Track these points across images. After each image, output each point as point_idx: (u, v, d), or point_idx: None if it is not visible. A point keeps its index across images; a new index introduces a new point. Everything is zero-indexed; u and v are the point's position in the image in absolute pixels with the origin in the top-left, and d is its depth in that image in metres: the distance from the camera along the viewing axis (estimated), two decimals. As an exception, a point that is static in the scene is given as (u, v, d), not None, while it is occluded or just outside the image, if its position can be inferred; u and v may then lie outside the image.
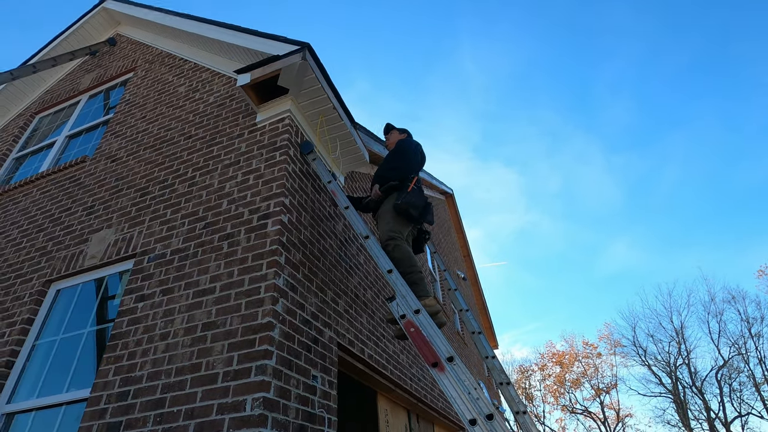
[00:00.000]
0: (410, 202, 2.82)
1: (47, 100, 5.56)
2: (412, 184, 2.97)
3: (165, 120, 3.81)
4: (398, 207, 2.82)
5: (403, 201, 2.82)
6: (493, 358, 3.41)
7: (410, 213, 2.81)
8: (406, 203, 2.81)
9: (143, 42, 5.27)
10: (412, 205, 2.81)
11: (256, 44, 3.41)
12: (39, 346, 2.85)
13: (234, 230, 2.61)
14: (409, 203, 2.81)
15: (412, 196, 2.87)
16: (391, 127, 3.62)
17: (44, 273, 3.14)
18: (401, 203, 2.81)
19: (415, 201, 2.84)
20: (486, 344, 3.51)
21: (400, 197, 2.86)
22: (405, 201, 2.82)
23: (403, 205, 2.80)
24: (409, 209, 2.80)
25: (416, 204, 2.83)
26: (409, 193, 2.88)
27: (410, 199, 2.83)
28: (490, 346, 3.50)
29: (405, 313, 2.11)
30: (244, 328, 2.16)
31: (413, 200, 2.83)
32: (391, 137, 3.53)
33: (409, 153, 3.15)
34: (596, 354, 29.44)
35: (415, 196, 2.88)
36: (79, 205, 3.53)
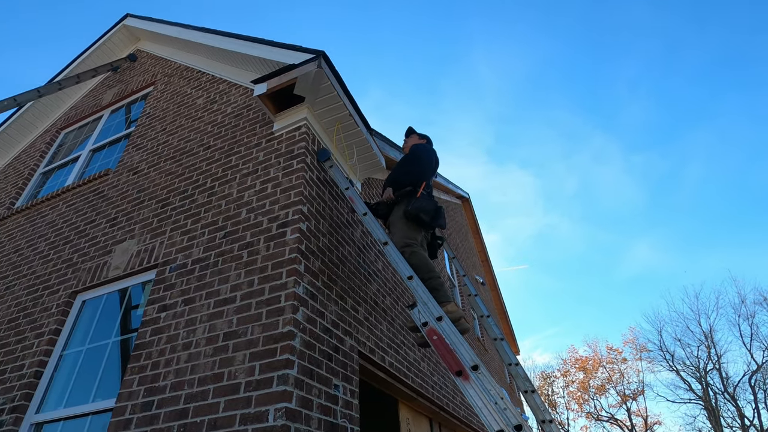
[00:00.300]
0: (420, 208, 2.81)
1: (72, 116, 5.74)
2: (420, 190, 2.96)
3: (184, 131, 3.88)
4: (408, 213, 2.81)
5: (412, 207, 2.81)
6: (516, 365, 3.33)
7: (421, 218, 2.80)
8: (416, 209, 2.80)
9: (162, 56, 5.39)
10: (423, 210, 2.80)
11: (272, 54, 3.44)
12: (66, 356, 2.90)
13: (253, 239, 2.61)
14: (419, 208, 2.80)
15: (422, 201, 2.86)
16: (412, 131, 3.62)
17: (70, 284, 3.21)
18: (411, 209, 2.81)
19: (426, 206, 2.83)
20: (509, 351, 3.43)
21: (409, 203, 2.86)
22: (415, 207, 2.81)
23: (413, 210, 2.80)
24: (419, 214, 2.79)
25: (427, 209, 2.82)
26: (418, 198, 2.88)
27: (420, 204, 2.83)
28: (513, 353, 3.41)
29: (427, 320, 2.07)
30: (265, 337, 2.15)
31: (423, 205, 2.83)
32: (409, 141, 3.53)
33: (422, 159, 3.13)
34: (621, 359, 28.64)
35: (424, 201, 2.87)
36: (103, 217, 3.60)
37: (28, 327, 3.11)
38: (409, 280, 2.25)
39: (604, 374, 29.00)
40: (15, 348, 3.03)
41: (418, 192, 2.94)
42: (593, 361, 30.05)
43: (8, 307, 3.40)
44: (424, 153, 3.18)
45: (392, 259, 2.38)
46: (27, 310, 3.25)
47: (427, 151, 3.23)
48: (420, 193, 2.94)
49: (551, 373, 31.72)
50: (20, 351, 2.99)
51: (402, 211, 2.89)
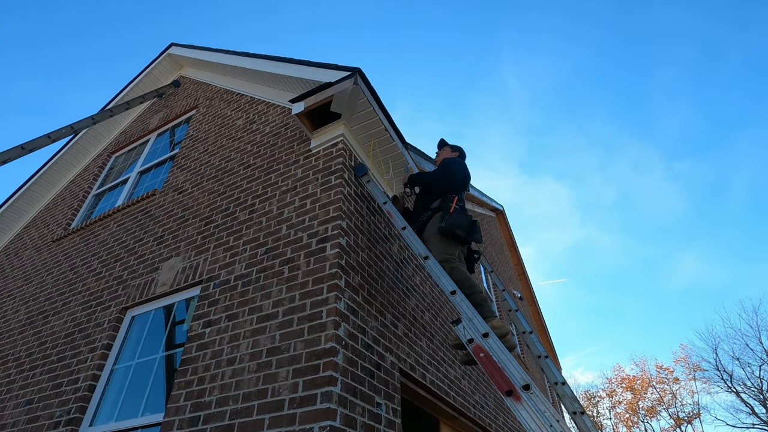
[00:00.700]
0: (455, 223, 2.77)
1: (121, 140, 6.09)
2: (453, 205, 2.92)
3: (225, 152, 4.02)
4: (443, 229, 2.78)
5: (447, 223, 2.77)
6: (563, 384, 3.16)
7: (457, 234, 2.76)
8: (450, 225, 2.76)
9: (204, 81, 5.66)
10: (458, 226, 2.76)
11: (308, 73, 3.53)
12: (116, 370, 3.01)
13: (294, 254, 2.64)
14: (454, 224, 2.76)
15: (456, 216, 2.82)
16: (445, 143, 3.59)
17: (121, 300, 3.34)
18: (446, 225, 2.77)
19: (460, 221, 2.79)
20: (555, 369, 3.27)
21: (443, 220, 2.82)
22: (449, 223, 2.77)
23: (448, 227, 2.76)
24: (455, 230, 2.75)
25: (462, 224, 2.78)
26: (451, 214, 2.84)
27: (455, 219, 2.79)
28: (559, 372, 3.26)
29: (473, 337, 1.99)
30: (307, 353, 2.14)
31: (458, 221, 2.78)
32: (441, 153, 3.51)
33: (452, 172, 3.09)
34: (673, 379, 26.81)
35: (458, 216, 2.83)
36: (151, 236, 3.75)
37: (82, 342, 3.25)
38: (452, 295, 2.19)
39: (655, 395, 27.23)
40: (71, 362, 3.17)
41: (450, 207, 2.91)
42: (642, 380, 28.29)
43: (65, 323, 3.57)
44: (454, 166, 3.15)
45: (434, 273, 2.33)
46: (81, 325, 3.41)
47: (457, 164, 3.19)
48: (453, 208, 2.90)
49: (596, 393, 30.11)
50: (75, 365, 3.12)
51: (436, 227, 2.86)
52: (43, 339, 3.58)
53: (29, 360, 3.49)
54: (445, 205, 2.95)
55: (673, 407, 25.78)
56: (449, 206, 2.92)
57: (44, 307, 3.95)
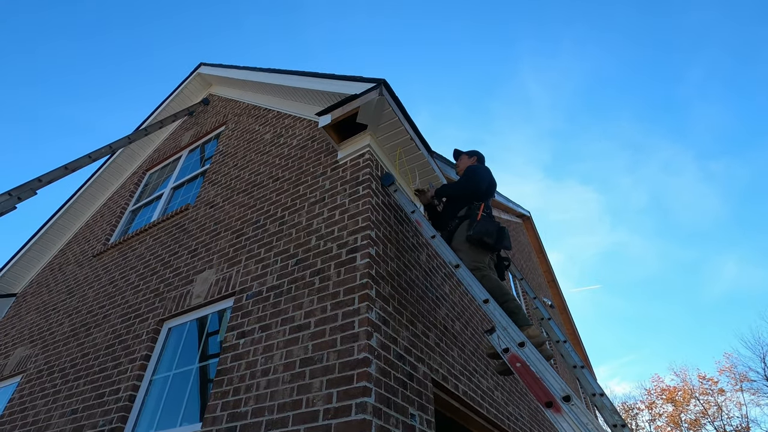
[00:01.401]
0: (483, 231, 2.74)
1: (155, 157, 6.34)
2: (480, 212, 2.89)
3: (254, 166, 4.12)
4: (472, 238, 2.75)
5: (475, 231, 2.75)
6: (602, 395, 3.04)
7: (485, 241, 2.74)
8: (479, 232, 2.74)
9: (232, 98, 5.84)
10: (486, 233, 2.74)
11: (333, 86, 3.59)
12: (155, 381, 3.09)
13: (324, 265, 2.66)
14: (482, 232, 2.74)
15: (484, 224, 2.79)
16: (460, 152, 3.56)
17: (158, 312, 3.45)
18: (474, 233, 2.75)
19: (488, 228, 2.76)
20: (592, 380, 3.16)
21: (471, 227, 2.80)
22: (477, 231, 2.75)
23: (476, 235, 2.74)
24: (483, 238, 2.73)
25: (490, 231, 2.75)
26: (479, 222, 2.82)
27: (482, 227, 2.76)
28: (597, 382, 3.14)
29: (508, 346, 1.95)
30: (341, 363, 2.14)
31: (486, 228, 2.76)
32: (461, 163, 3.48)
33: (475, 180, 3.06)
34: (718, 390, 25.38)
35: (486, 223, 2.80)
36: (185, 249, 3.87)
37: (122, 353, 3.37)
38: (485, 304, 2.15)
39: (698, 407, 25.82)
40: (112, 372, 3.29)
41: (477, 215, 2.88)
42: (683, 391, 26.89)
43: (106, 335, 3.71)
44: (479, 173, 3.13)
45: (465, 282, 2.31)
46: (121, 337, 3.53)
47: (481, 171, 3.16)
48: (480, 216, 2.88)
49: (634, 405, 28.80)
50: (116, 375, 3.23)
51: (464, 235, 2.84)
52: (86, 350, 3.73)
53: (73, 371, 3.64)
54: (471, 213, 2.93)
55: (719, 420, 24.38)
56: (476, 214, 2.90)
57: (86, 319, 4.11)
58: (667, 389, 27.81)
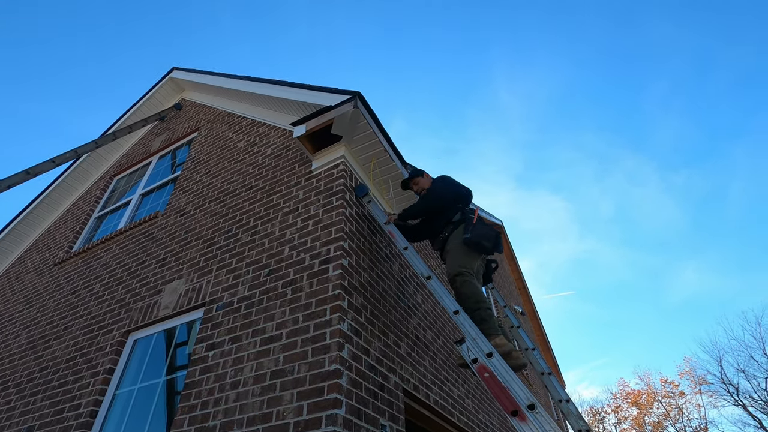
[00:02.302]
0: (482, 235, 2.81)
1: (123, 162, 6.15)
2: (476, 216, 2.95)
3: (227, 174, 4.07)
4: (469, 241, 2.80)
5: (473, 234, 2.81)
6: (567, 401, 3.15)
7: (483, 245, 2.80)
8: (477, 236, 2.80)
9: (205, 104, 5.76)
10: (484, 237, 2.81)
11: (309, 97, 3.61)
12: (119, 395, 2.99)
13: (297, 276, 2.66)
14: (480, 236, 2.81)
15: (480, 228, 2.86)
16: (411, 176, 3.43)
17: (123, 324, 3.34)
18: (473, 237, 2.80)
19: (487, 232, 2.84)
20: (558, 386, 3.26)
21: (468, 231, 2.85)
22: (476, 234, 2.81)
23: (475, 238, 2.79)
24: (481, 241, 2.79)
25: (487, 235, 2.83)
26: (475, 225, 2.88)
27: (481, 231, 2.83)
28: (563, 389, 3.25)
29: (477, 356, 2.01)
30: (312, 375, 2.14)
31: (484, 232, 2.83)
32: (420, 182, 3.37)
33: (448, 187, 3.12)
34: (678, 393, 26.44)
35: (483, 227, 2.87)
36: (153, 258, 3.77)
37: (84, 366, 3.24)
38: (455, 315, 2.21)
39: (661, 410, 26.81)
40: (72, 387, 3.15)
41: (473, 219, 2.93)
42: (647, 395, 27.89)
43: (66, 347, 3.56)
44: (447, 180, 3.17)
45: (437, 293, 2.36)
46: (83, 349, 3.40)
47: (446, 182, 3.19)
48: (475, 220, 2.93)
49: (601, 409, 29.60)
50: (77, 390, 3.10)
51: (461, 238, 2.87)
52: (45, 364, 3.56)
53: (30, 385, 3.47)
54: (466, 217, 2.98)
55: (680, 422, 25.37)
56: (471, 218, 2.95)
57: (46, 331, 3.94)
58: (632, 393, 28.77)
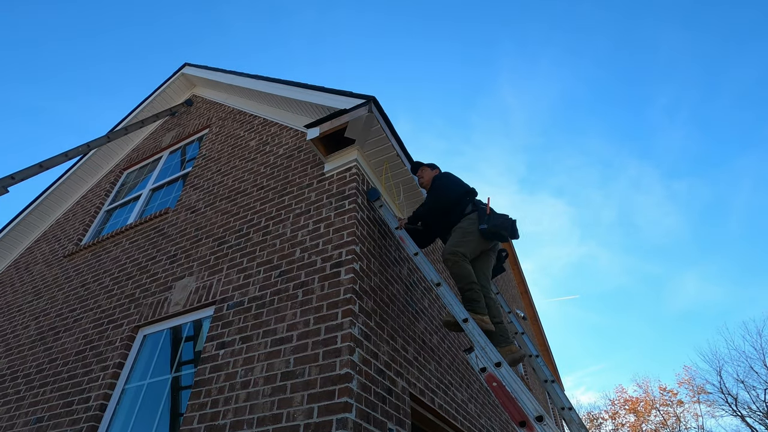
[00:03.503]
0: (499, 224, 2.85)
1: (134, 157, 6.20)
2: (488, 206, 2.98)
3: (238, 172, 4.10)
4: (486, 231, 2.83)
5: (490, 225, 2.84)
6: (570, 409, 3.18)
7: (501, 234, 2.84)
8: (495, 226, 2.83)
9: (216, 101, 5.79)
10: (501, 226, 2.84)
11: (323, 99, 3.64)
12: (128, 390, 3.03)
13: (308, 278, 2.69)
14: (498, 225, 2.84)
15: (496, 218, 2.89)
16: (420, 164, 3.49)
17: (133, 319, 3.38)
18: (489, 227, 2.83)
19: (503, 221, 2.87)
20: (561, 394, 3.29)
21: (483, 221, 2.87)
22: (494, 224, 2.84)
23: (492, 228, 2.83)
24: (499, 230, 2.83)
25: (505, 224, 2.86)
26: (489, 216, 2.91)
27: (496, 221, 2.86)
28: (566, 397, 3.27)
29: (485, 365, 2.03)
30: (322, 378, 2.17)
31: (500, 221, 2.86)
32: (425, 174, 3.40)
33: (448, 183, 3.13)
34: (677, 401, 26.40)
35: (498, 217, 2.90)
36: (163, 254, 3.81)
37: (94, 360, 3.28)
38: (464, 323, 2.23)
39: (658, 417, 26.78)
40: (82, 380, 3.20)
41: (487, 209, 2.96)
42: (645, 402, 27.86)
43: (76, 339, 3.60)
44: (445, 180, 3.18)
45: (446, 300, 2.38)
46: (93, 342, 3.44)
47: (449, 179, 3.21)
48: (489, 210, 2.95)
49: (598, 415, 29.61)
50: (87, 383, 3.14)
51: (476, 227, 2.89)
52: (54, 356, 3.61)
53: (39, 377, 3.51)
54: (479, 208, 3.00)
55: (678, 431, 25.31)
56: (484, 207, 2.98)
57: (55, 323, 3.98)
58: (630, 400, 28.74)
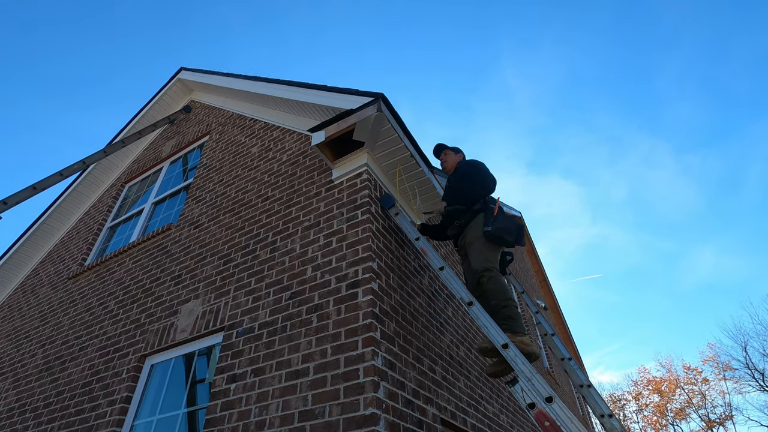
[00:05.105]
0: (503, 228, 2.62)
1: (134, 169, 5.98)
2: (496, 208, 2.74)
3: (241, 182, 3.85)
4: (490, 234, 2.61)
5: (495, 228, 2.62)
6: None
7: (505, 239, 2.62)
8: (499, 229, 2.61)
9: (215, 106, 5.53)
10: (506, 231, 2.62)
11: (326, 99, 3.35)
12: (137, 426, 2.83)
13: (322, 300, 2.43)
14: (502, 229, 2.62)
15: (502, 221, 2.66)
16: (444, 146, 3.34)
17: (139, 347, 3.17)
18: (494, 230, 2.61)
19: (507, 225, 2.65)
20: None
21: (488, 223, 2.65)
22: (498, 227, 2.62)
23: (496, 232, 2.61)
24: (503, 235, 2.61)
25: (509, 228, 2.64)
26: (496, 218, 2.68)
27: (501, 224, 2.64)
28: (603, 400, 3.01)
29: (534, 401, 1.76)
30: (345, 420, 1.92)
31: (505, 225, 2.64)
32: (449, 159, 3.28)
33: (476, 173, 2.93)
34: (702, 379, 25.94)
35: (504, 220, 2.68)
36: (168, 275, 3.59)
37: (101, 393, 3.09)
38: (504, 350, 1.96)
39: (683, 396, 26.36)
40: (89, 416, 3.01)
41: (494, 210, 2.72)
42: (669, 382, 27.44)
43: (83, 370, 3.42)
44: (476, 166, 2.98)
45: (480, 321, 2.11)
46: (99, 374, 3.25)
47: (478, 163, 3.02)
48: (496, 211, 2.72)
49: (621, 396, 29.30)
50: (94, 419, 2.95)
51: (480, 231, 2.68)
52: (61, 388, 3.43)
53: (47, 411, 3.34)
54: (487, 207, 2.78)
55: (704, 409, 24.92)
56: (492, 208, 2.75)
57: (61, 351, 3.80)
58: (653, 380, 28.34)
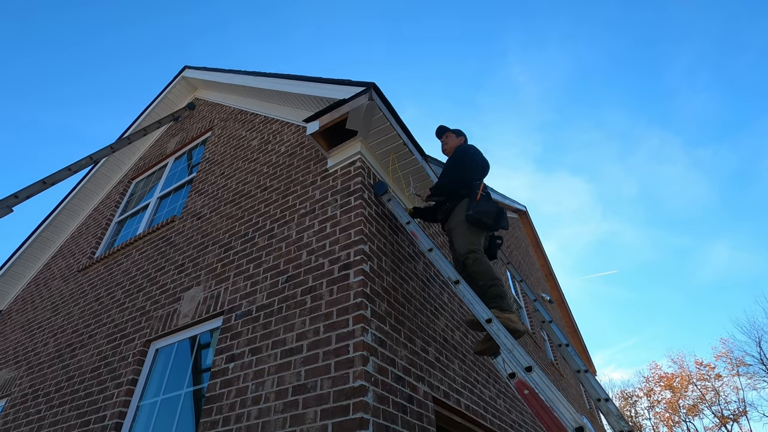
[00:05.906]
0: (483, 211, 2.70)
1: (141, 165, 6.14)
2: (479, 192, 2.82)
3: (242, 174, 3.95)
4: (471, 218, 2.69)
5: (474, 211, 2.70)
6: (607, 400, 2.95)
7: (484, 222, 2.69)
8: (478, 213, 2.69)
9: (218, 102, 5.65)
10: (485, 214, 2.69)
11: (321, 91, 3.43)
12: (142, 407, 2.94)
13: (315, 283, 2.52)
14: (481, 212, 2.69)
15: (483, 204, 2.74)
16: (446, 128, 3.38)
17: (144, 333, 3.29)
18: (473, 213, 2.69)
19: (488, 208, 2.72)
20: (596, 384, 3.07)
21: (470, 207, 2.73)
22: (477, 211, 2.70)
23: (476, 215, 2.69)
24: (482, 218, 2.68)
25: (489, 211, 2.71)
26: (478, 201, 2.76)
27: (481, 207, 2.71)
28: (601, 387, 3.04)
29: (514, 371, 1.83)
30: (335, 392, 2.00)
31: (485, 208, 2.71)
32: (449, 141, 3.32)
33: (470, 160, 2.99)
34: (715, 375, 25.61)
35: (485, 203, 2.75)
36: (172, 264, 3.71)
37: (108, 376, 3.21)
38: (488, 324, 2.03)
39: (696, 393, 26.06)
40: (98, 398, 3.13)
41: (477, 195, 2.81)
42: (681, 378, 27.13)
43: (91, 356, 3.55)
44: (470, 153, 3.04)
45: (466, 299, 2.18)
46: (107, 359, 3.38)
47: (473, 151, 3.07)
48: (479, 195, 2.81)
49: (632, 392, 29.05)
50: (102, 401, 3.08)
51: (463, 215, 2.76)
52: (71, 373, 3.57)
53: (58, 395, 3.48)
54: (471, 193, 2.85)
55: (717, 405, 24.63)
56: (475, 193, 2.83)
57: (71, 339, 3.95)
58: (665, 376, 28.05)
